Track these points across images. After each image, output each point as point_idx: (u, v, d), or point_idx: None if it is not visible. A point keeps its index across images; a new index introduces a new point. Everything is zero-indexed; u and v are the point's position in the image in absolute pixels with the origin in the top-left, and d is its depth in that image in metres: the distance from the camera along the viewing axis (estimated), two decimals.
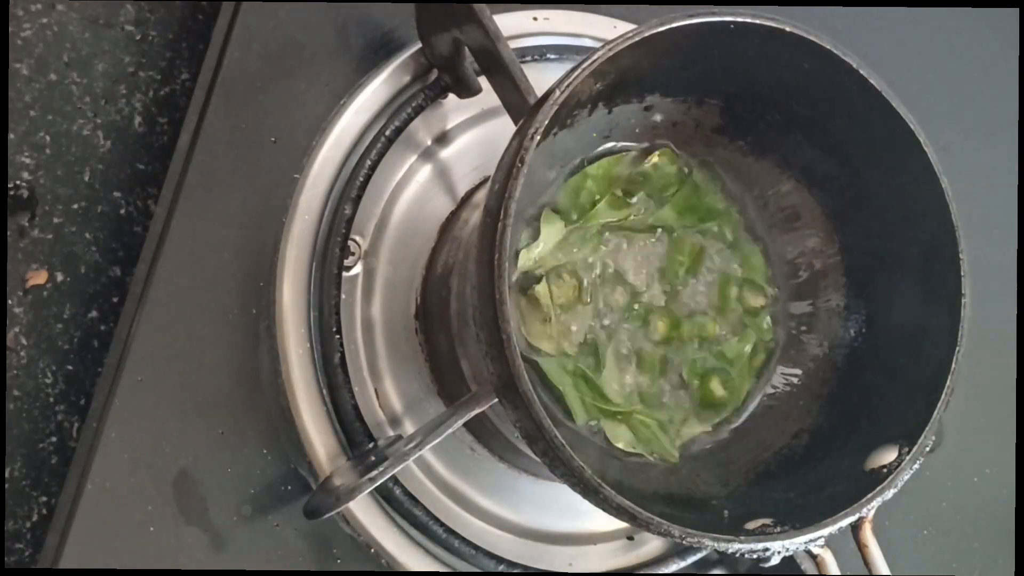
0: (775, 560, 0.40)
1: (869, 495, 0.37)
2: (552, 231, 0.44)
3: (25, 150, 0.50)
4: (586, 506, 0.36)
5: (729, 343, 0.46)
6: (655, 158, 0.46)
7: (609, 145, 0.45)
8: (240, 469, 0.45)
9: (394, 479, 0.45)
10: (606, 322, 0.45)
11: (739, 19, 0.38)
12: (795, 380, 0.47)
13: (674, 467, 0.44)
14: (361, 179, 0.47)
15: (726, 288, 0.47)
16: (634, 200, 0.46)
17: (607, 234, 0.45)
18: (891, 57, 0.62)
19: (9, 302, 0.49)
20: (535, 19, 0.54)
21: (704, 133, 0.46)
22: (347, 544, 0.46)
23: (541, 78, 0.43)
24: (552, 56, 0.53)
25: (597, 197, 0.45)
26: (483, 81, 0.48)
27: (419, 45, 0.49)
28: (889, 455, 0.39)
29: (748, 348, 0.46)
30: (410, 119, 0.49)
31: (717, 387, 0.46)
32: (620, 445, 0.44)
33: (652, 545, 0.52)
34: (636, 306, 0.45)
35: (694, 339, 0.46)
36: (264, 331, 0.47)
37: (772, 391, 0.47)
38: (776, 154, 0.46)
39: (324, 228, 0.47)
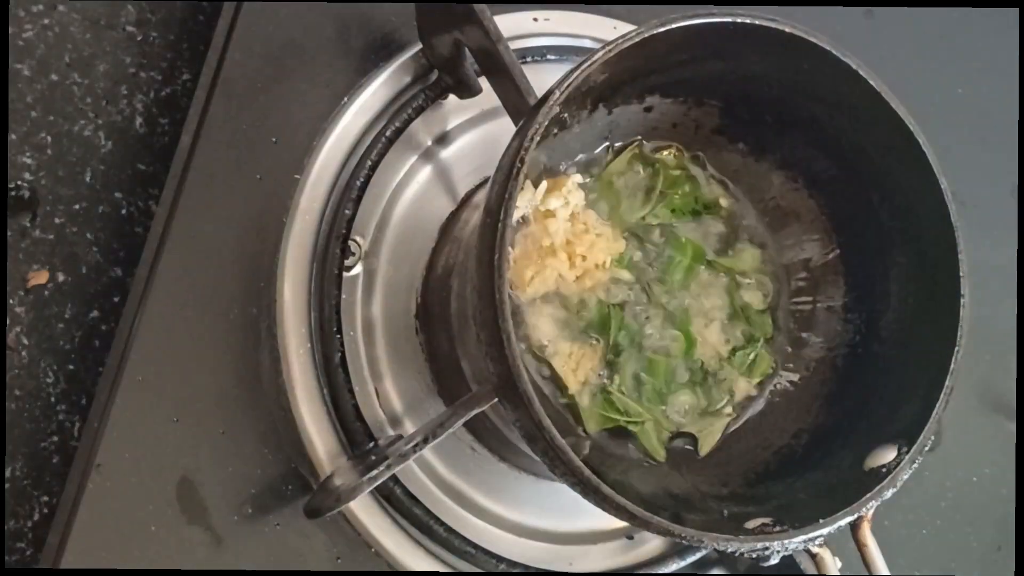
0: (774, 559, 0.40)
1: (868, 494, 0.37)
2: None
3: (26, 151, 0.50)
4: (586, 506, 0.36)
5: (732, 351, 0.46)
6: (663, 157, 0.46)
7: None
8: (240, 469, 0.45)
9: (394, 479, 0.45)
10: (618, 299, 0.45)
11: (739, 20, 0.38)
12: (795, 380, 0.47)
13: (674, 467, 0.44)
14: (361, 179, 0.47)
15: (731, 290, 0.47)
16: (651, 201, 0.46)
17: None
18: (891, 57, 0.62)
19: (10, 302, 0.49)
20: (535, 20, 0.54)
21: (704, 134, 0.46)
22: (347, 544, 0.46)
23: (541, 79, 0.43)
24: (552, 57, 0.53)
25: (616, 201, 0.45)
26: (483, 82, 0.48)
27: (420, 46, 0.49)
28: (888, 455, 0.39)
29: (752, 355, 0.46)
30: (410, 120, 0.49)
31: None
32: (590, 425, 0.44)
33: (652, 545, 0.52)
34: (639, 309, 0.46)
35: (699, 339, 0.46)
36: (264, 331, 0.47)
37: (772, 391, 0.47)
38: (776, 154, 0.46)
39: (324, 228, 0.48)
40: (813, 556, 0.43)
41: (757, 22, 0.38)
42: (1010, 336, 0.60)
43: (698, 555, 0.52)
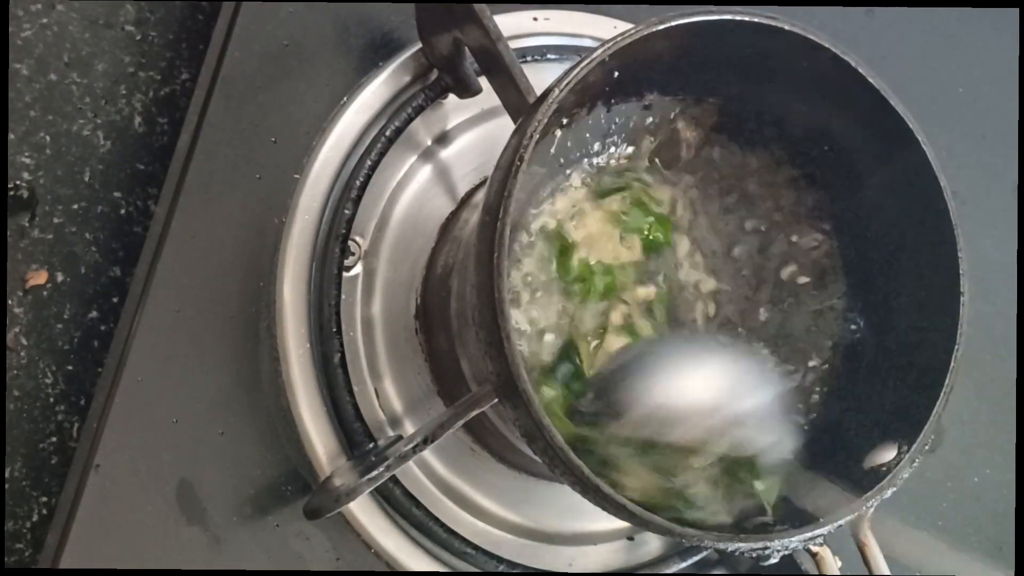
0: (775, 559, 0.40)
1: (868, 493, 0.37)
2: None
3: (25, 150, 0.50)
4: (586, 506, 0.36)
5: None
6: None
7: None
8: (239, 470, 0.45)
9: (394, 479, 0.45)
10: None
11: (739, 18, 0.38)
12: (796, 380, 0.47)
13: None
14: (361, 179, 0.47)
15: None
16: None
17: None
18: (891, 57, 0.62)
19: (9, 302, 0.49)
20: (535, 19, 0.54)
21: (703, 132, 0.46)
22: (347, 544, 0.46)
23: (541, 78, 0.43)
24: (552, 56, 0.53)
25: None
26: (483, 81, 0.48)
27: (419, 45, 0.49)
28: (889, 453, 0.39)
29: None
30: (410, 119, 0.49)
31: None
32: None
33: (652, 545, 0.52)
34: None
35: None
36: (264, 331, 0.47)
37: None
38: (775, 153, 0.46)
39: (324, 228, 0.47)
40: (813, 555, 0.43)
41: (757, 20, 0.38)
42: (1010, 336, 0.60)
43: (699, 555, 0.52)
